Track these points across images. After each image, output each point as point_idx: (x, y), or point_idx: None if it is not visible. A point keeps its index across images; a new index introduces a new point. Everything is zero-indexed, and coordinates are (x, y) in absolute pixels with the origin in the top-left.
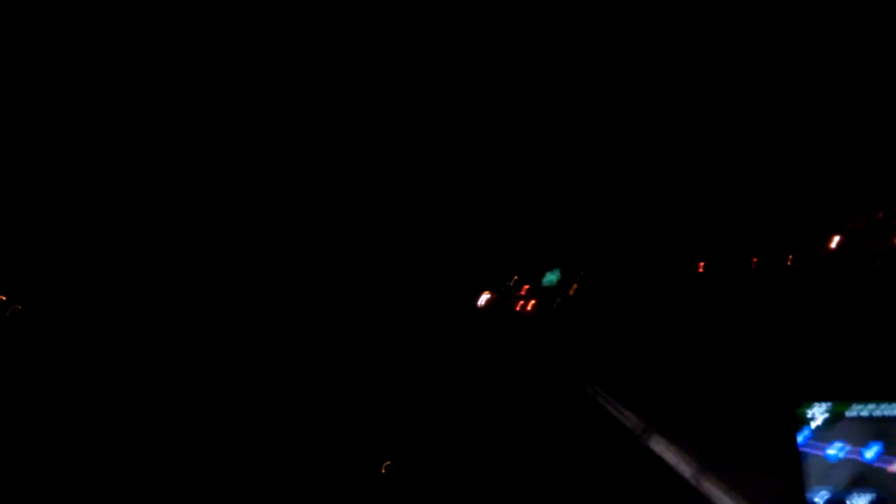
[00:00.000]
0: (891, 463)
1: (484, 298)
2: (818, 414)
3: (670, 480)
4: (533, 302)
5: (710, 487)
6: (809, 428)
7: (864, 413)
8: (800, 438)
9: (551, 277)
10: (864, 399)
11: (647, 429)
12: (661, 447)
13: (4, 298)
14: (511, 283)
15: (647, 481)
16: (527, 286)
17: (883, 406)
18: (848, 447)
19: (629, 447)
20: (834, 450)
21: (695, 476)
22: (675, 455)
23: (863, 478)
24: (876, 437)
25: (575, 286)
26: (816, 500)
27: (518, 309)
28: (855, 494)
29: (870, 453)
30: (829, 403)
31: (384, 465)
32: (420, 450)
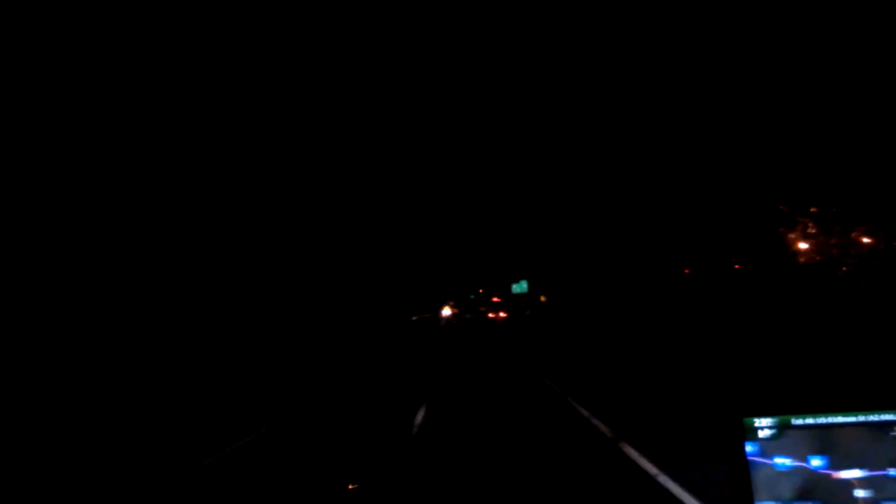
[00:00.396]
0: (835, 473)
1: (448, 311)
2: (765, 425)
3: (638, 480)
4: (503, 313)
5: (677, 490)
6: (758, 439)
7: (809, 424)
8: (749, 449)
9: (519, 288)
10: (808, 412)
11: (616, 434)
12: (630, 451)
13: None
14: (480, 293)
15: (615, 481)
16: (496, 297)
17: (826, 417)
18: (794, 458)
19: (601, 451)
20: (781, 460)
21: (660, 476)
22: (643, 458)
23: (809, 488)
24: (820, 448)
25: (543, 297)
26: None
27: (490, 318)
28: (801, 502)
29: (815, 463)
30: (775, 415)
31: (352, 483)
32: (400, 457)
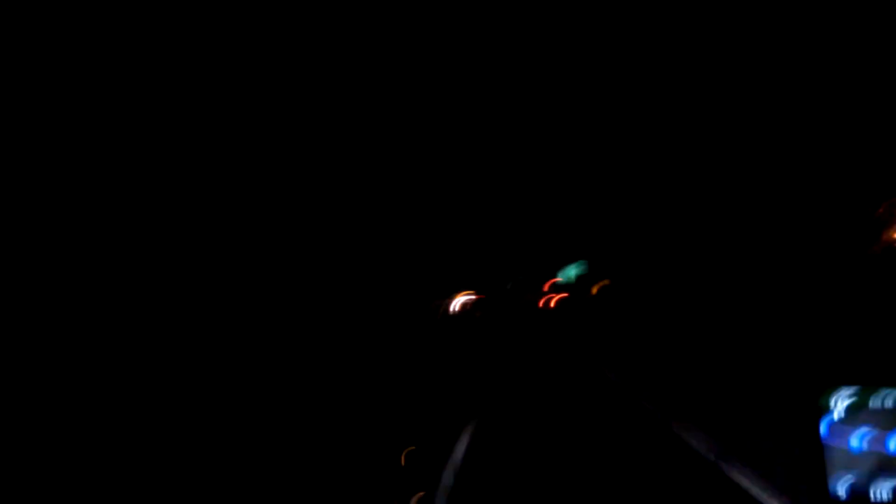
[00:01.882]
0: None
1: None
2: (841, 401)
3: (695, 465)
4: (554, 298)
5: (736, 472)
6: (832, 415)
7: (890, 400)
8: (823, 426)
9: (570, 272)
10: (890, 385)
11: (672, 418)
12: (686, 434)
13: None
14: (527, 280)
15: (672, 466)
16: (546, 283)
17: None
18: (872, 435)
19: (655, 435)
20: (857, 437)
21: (719, 460)
22: (700, 441)
23: (887, 465)
24: None
25: (599, 284)
26: (839, 488)
27: (540, 305)
28: (879, 482)
29: (894, 441)
30: (853, 390)
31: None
32: (448, 445)
